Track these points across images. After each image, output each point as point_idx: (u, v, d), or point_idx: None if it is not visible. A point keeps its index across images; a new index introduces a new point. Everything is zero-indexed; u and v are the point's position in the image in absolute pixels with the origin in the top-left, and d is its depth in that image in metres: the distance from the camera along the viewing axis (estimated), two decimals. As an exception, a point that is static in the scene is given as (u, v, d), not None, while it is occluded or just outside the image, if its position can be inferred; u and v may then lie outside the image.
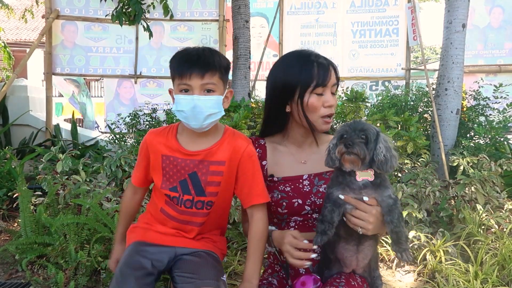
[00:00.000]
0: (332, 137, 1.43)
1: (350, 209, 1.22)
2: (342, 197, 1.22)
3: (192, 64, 1.33)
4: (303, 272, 1.39)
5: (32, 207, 2.55)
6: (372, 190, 1.22)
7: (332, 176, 1.31)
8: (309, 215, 1.42)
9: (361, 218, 1.20)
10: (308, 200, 1.40)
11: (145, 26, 4.27)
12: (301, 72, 1.38)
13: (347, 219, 1.23)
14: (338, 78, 1.44)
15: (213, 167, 1.43)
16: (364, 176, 1.22)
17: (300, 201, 1.41)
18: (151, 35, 4.42)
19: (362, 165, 1.20)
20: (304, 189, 1.42)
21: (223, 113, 1.41)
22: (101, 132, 6.07)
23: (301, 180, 1.43)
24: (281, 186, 1.44)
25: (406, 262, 1.62)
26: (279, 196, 1.43)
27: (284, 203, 1.42)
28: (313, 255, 1.27)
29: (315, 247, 1.24)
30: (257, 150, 1.50)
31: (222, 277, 1.42)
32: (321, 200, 1.39)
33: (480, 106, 3.99)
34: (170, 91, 1.46)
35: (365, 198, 1.21)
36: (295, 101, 1.39)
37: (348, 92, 3.92)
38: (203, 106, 1.34)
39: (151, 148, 1.47)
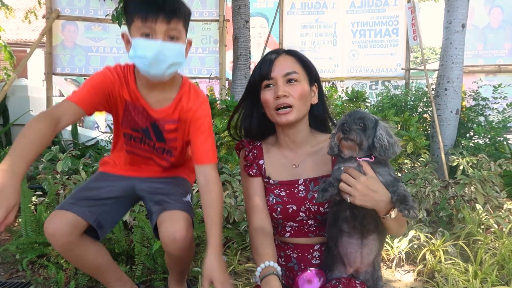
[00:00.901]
0: (329, 135, 1.44)
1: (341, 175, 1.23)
2: (342, 167, 1.24)
3: (158, 8, 1.25)
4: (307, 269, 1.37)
5: (32, 206, 2.56)
6: (373, 165, 1.23)
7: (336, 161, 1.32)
8: (304, 221, 1.40)
9: (348, 183, 1.18)
10: (303, 207, 1.38)
11: None
12: (252, 75, 1.45)
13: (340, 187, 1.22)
14: (305, 64, 1.41)
15: (168, 126, 1.46)
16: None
17: (294, 207, 1.39)
18: None
19: (360, 151, 1.22)
20: (299, 195, 1.40)
21: (184, 64, 1.36)
22: (101, 132, 6.08)
23: (296, 185, 1.41)
24: (277, 190, 1.43)
25: (413, 219, 1.62)
26: (274, 200, 1.41)
27: (278, 208, 1.40)
28: None
29: None
30: (253, 150, 1.50)
31: (185, 198, 1.45)
32: (316, 207, 1.37)
33: (480, 106, 4.00)
34: (123, 35, 1.35)
35: (361, 161, 1.22)
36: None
37: (349, 92, 3.92)
38: (167, 54, 1.27)
39: (114, 90, 1.38)
